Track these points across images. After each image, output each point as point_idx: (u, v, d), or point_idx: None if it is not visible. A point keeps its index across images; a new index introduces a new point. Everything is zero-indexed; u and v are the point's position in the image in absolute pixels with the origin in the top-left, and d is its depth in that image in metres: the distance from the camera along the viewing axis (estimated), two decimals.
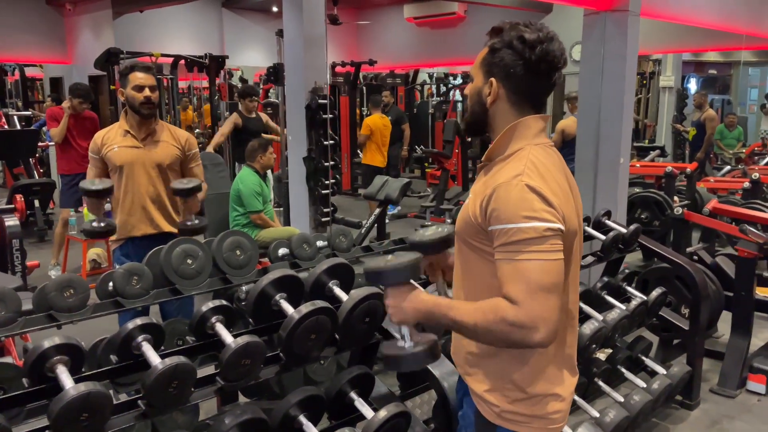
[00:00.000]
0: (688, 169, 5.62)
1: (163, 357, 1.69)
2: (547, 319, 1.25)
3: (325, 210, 5.19)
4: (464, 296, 1.48)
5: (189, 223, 2.88)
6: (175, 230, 3.00)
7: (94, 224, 2.69)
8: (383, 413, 1.99)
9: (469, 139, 8.47)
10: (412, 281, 1.42)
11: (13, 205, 5.48)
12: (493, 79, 1.40)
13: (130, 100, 2.92)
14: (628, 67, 4.15)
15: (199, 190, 2.82)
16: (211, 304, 1.92)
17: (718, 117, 9.12)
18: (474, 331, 1.32)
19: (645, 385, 3.01)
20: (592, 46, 4.26)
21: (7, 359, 2.90)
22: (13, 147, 7.35)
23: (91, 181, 2.73)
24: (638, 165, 6.54)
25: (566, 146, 6.02)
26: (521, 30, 1.37)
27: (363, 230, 6.36)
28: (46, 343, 1.58)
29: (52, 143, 7.40)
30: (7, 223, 4.58)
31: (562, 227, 1.30)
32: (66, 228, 5.65)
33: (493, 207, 1.31)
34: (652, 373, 3.22)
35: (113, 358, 1.76)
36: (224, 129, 6.26)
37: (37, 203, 6.96)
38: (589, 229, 3.34)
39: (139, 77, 2.90)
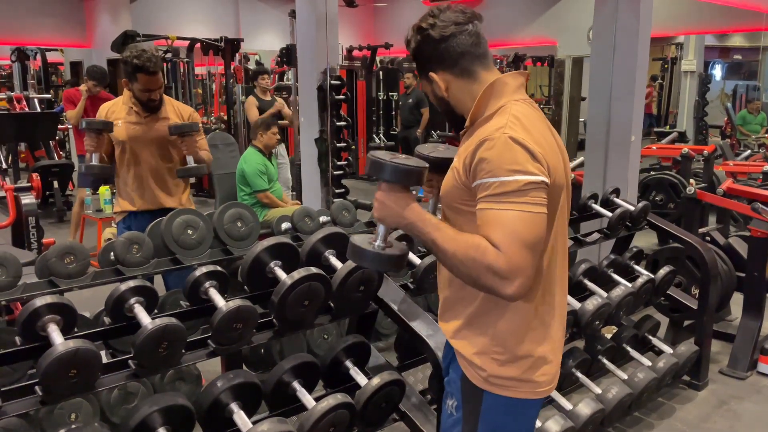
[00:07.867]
0: (705, 151, 5.51)
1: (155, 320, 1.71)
2: (524, 273, 1.24)
3: (337, 191, 5.20)
4: None
5: (188, 166, 2.97)
6: (175, 205, 3.02)
7: (93, 162, 2.81)
8: (376, 380, 2.00)
9: None
10: (411, 188, 1.39)
11: (30, 184, 5.57)
12: (430, 74, 1.43)
13: (138, 95, 2.92)
14: (641, 43, 4.05)
15: (196, 129, 2.92)
16: (204, 269, 1.93)
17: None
18: (451, 259, 1.31)
19: (650, 364, 2.98)
20: (603, 21, 4.16)
21: None
22: (34, 129, 7.45)
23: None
24: (654, 147, 6.42)
25: None
26: (418, 23, 1.43)
27: None
28: (38, 302, 1.61)
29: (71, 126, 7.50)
30: (23, 201, 4.67)
31: (546, 180, 1.28)
32: (83, 207, 5.74)
33: (477, 161, 1.29)
34: (659, 353, 3.18)
35: (106, 320, 1.79)
36: (252, 116, 6.24)
37: (56, 184, 7.08)
38: (596, 207, 3.30)
39: (146, 80, 2.85)
